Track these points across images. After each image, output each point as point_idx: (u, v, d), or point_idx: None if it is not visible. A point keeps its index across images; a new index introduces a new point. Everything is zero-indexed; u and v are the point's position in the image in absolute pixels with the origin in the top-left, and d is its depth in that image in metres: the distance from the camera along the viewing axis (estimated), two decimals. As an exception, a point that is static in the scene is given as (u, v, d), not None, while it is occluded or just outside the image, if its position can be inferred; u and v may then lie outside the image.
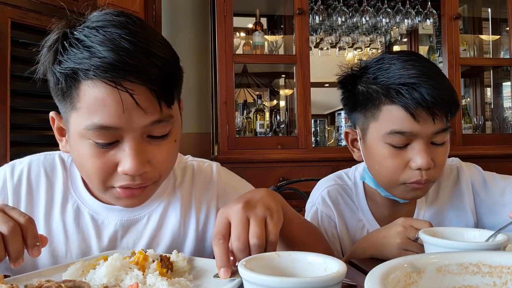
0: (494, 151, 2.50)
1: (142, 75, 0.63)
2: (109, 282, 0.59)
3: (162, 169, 0.71)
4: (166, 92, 0.66)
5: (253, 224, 0.60)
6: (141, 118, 0.65)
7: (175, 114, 0.70)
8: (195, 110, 2.94)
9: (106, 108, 0.63)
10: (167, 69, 0.66)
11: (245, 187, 0.89)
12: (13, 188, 0.78)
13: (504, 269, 0.40)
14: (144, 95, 0.64)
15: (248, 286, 0.47)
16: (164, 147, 0.70)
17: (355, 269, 0.78)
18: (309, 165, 2.35)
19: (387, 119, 0.86)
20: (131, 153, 0.65)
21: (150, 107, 0.65)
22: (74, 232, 0.78)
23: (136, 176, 0.67)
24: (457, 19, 2.64)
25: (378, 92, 0.86)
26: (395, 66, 0.86)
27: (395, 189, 0.91)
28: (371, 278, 0.36)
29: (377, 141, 0.88)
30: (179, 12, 2.94)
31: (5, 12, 1.72)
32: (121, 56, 0.61)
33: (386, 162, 0.88)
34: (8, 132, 1.71)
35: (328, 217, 1.00)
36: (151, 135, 0.68)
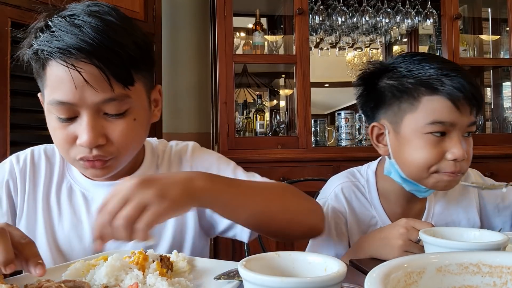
0: (494, 151, 2.50)
1: (93, 55, 0.69)
2: (109, 282, 0.59)
3: (121, 145, 0.76)
4: (119, 72, 0.71)
5: (128, 205, 0.57)
6: (92, 96, 0.71)
7: (134, 95, 0.75)
8: (195, 110, 2.94)
9: (62, 85, 0.71)
10: (123, 51, 0.71)
11: (217, 161, 0.92)
12: (20, 171, 0.88)
13: (504, 269, 0.40)
14: (94, 74, 0.70)
15: (248, 286, 0.46)
16: (121, 125, 0.75)
17: (355, 269, 0.78)
18: (309, 165, 2.35)
19: (427, 110, 0.88)
20: (85, 127, 0.72)
21: (100, 86, 0.71)
22: (67, 208, 0.86)
23: (93, 149, 0.74)
24: (457, 19, 2.64)
25: (415, 84, 0.89)
26: (429, 61, 0.90)
27: (428, 179, 0.91)
28: (371, 278, 0.36)
29: (414, 132, 0.90)
30: (179, 12, 2.94)
31: (5, 12, 1.72)
32: (76, 38, 0.69)
33: (423, 152, 0.89)
34: (8, 132, 1.71)
35: (339, 213, 1.01)
36: (107, 113, 0.74)
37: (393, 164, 0.96)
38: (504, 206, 1.06)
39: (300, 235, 0.84)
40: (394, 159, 0.95)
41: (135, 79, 0.75)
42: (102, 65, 0.70)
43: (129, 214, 0.57)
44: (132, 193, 0.58)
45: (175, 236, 0.88)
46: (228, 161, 0.94)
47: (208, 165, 0.91)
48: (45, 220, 0.86)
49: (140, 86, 0.78)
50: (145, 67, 0.78)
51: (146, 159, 0.91)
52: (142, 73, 0.78)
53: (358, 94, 1.03)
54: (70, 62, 0.69)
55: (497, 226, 1.07)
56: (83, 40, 0.69)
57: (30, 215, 0.87)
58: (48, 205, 0.87)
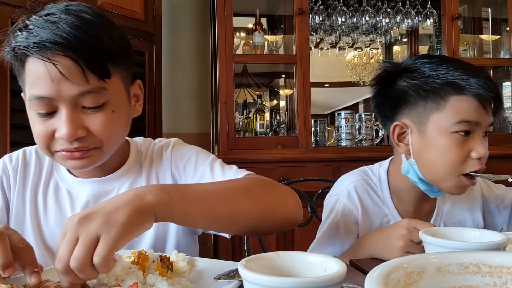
0: (494, 151, 2.48)
1: (68, 48, 0.71)
2: (109, 282, 0.59)
3: (102, 136, 0.78)
4: (94, 65, 0.73)
5: (78, 245, 0.54)
6: (69, 89, 0.73)
7: (111, 88, 0.77)
8: (195, 110, 2.94)
9: (40, 80, 0.73)
10: (97, 45, 0.74)
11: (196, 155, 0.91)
12: (12, 169, 0.90)
13: (504, 269, 0.40)
14: (70, 67, 0.71)
15: (248, 286, 0.47)
16: (100, 117, 0.76)
17: (355, 269, 0.78)
18: (309, 165, 2.35)
19: (454, 109, 0.89)
20: (64, 120, 0.74)
21: (76, 78, 0.72)
22: (52, 205, 0.89)
23: (74, 141, 0.75)
24: (457, 19, 2.64)
25: (442, 84, 0.90)
26: (451, 62, 0.93)
27: (450, 181, 0.92)
28: (371, 278, 0.36)
29: (441, 132, 0.91)
30: (179, 12, 2.94)
31: (5, 12, 1.72)
32: (52, 32, 0.71)
33: (450, 152, 0.90)
34: (8, 132, 1.71)
35: (350, 212, 1.02)
36: (85, 106, 0.75)
37: (412, 164, 0.96)
38: (504, 206, 1.09)
39: (275, 229, 0.81)
40: (414, 159, 0.96)
41: (111, 72, 0.76)
42: (77, 57, 0.71)
43: (80, 255, 0.53)
44: (77, 232, 0.55)
45: (157, 233, 0.88)
46: (207, 155, 0.92)
47: (187, 159, 0.91)
48: (31, 217, 0.88)
49: (117, 79, 0.79)
50: (122, 61, 0.80)
51: (130, 157, 0.92)
52: (119, 67, 0.79)
53: (375, 93, 1.03)
54: (46, 56, 0.71)
55: (499, 226, 1.08)
56: (58, 34, 0.71)
57: (19, 211, 0.89)
58: (35, 202, 0.89)
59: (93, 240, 0.54)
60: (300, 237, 2.33)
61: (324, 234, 1.04)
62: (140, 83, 0.89)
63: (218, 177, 0.85)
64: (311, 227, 1.42)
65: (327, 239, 1.03)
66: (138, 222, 0.58)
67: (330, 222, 1.04)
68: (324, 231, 1.04)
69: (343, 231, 1.02)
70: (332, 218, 1.04)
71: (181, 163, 0.91)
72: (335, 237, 1.02)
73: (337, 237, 1.02)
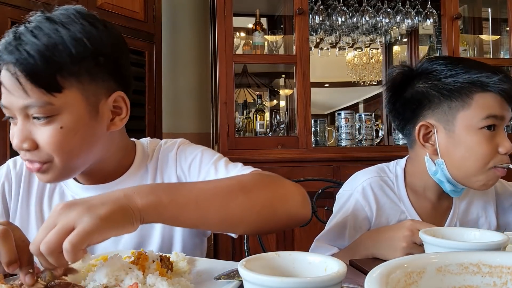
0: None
1: (8, 62, 0.70)
2: (109, 282, 0.59)
3: (49, 151, 0.74)
4: (36, 79, 0.70)
5: (52, 230, 0.54)
6: (17, 99, 0.71)
7: (61, 102, 0.72)
8: (195, 110, 2.94)
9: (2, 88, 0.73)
10: (44, 56, 0.69)
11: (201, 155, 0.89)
12: (15, 175, 0.90)
13: (504, 269, 0.40)
14: (10, 80, 0.70)
15: (248, 286, 0.46)
16: (46, 131, 0.73)
17: (355, 269, 0.78)
18: (309, 165, 2.35)
19: (481, 106, 0.92)
20: (16, 130, 0.74)
21: (17, 91, 0.71)
22: None
23: (26, 152, 0.74)
24: (457, 19, 2.64)
25: (465, 83, 0.93)
26: (469, 62, 0.96)
27: (481, 175, 0.94)
28: (371, 278, 0.36)
29: (469, 129, 0.93)
30: (179, 12, 2.94)
31: (5, 12, 1.72)
32: (4, 45, 0.71)
33: (480, 148, 0.92)
34: (8, 132, 1.71)
35: (361, 208, 1.03)
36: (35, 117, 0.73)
37: (440, 164, 0.97)
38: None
39: (279, 226, 0.78)
40: (442, 158, 0.96)
41: (63, 86, 0.72)
42: (17, 71, 0.69)
43: (50, 239, 0.53)
44: (57, 218, 0.55)
45: (163, 236, 0.88)
46: (213, 153, 0.90)
47: (192, 159, 0.89)
48: (38, 226, 0.87)
49: (75, 93, 0.74)
50: (87, 71, 0.74)
51: (136, 160, 0.90)
52: (78, 79, 0.73)
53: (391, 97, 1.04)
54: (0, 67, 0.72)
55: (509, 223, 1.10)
56: (4, 45, 0.71)
57: (24, 219, 0.88)
58: (41, 210, 0.88)
59: (68, 227, 0.54)
60: (300, 237, 2.33)
61: (333, 227, 1.05)
62: (123, 95, 0.80)
63: (222, 176, 0.83)
64: (311, 227, 1.42)
65: (335, 232, 1.04)
66: (120, 220, 0.57)
67: (340, 216, 1.05)
68: (333, 225, 1.05)
69: (352, 226, 1.03)
70: (343, 212, 1.05)
71: (186, 163, 0.89)
72: (343, 231, 1.03)
73: (345, 232, 1.03)
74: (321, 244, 1.05)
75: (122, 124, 0.82)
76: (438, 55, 1.00)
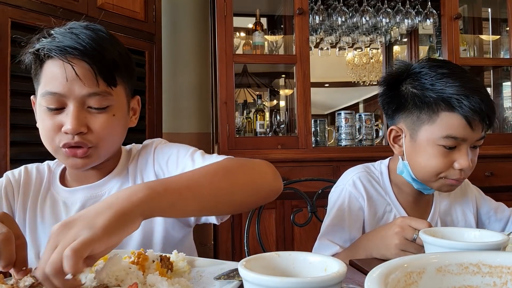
0: (494, 151, 2.50)
1: (85, 55, 0.82)
2: (109, 282, 0.59)
3: (100, 135, 0.86)
4: (105, 72, 0.84)
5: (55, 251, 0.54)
6: (80, 88, 0.82)
7: (115, 95, 0.87)
8: (195, 110, 2.94)
9: (55, 78, 0.82)
10: (109, 56, 0.85)
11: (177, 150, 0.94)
12: (15, 182, 0.96)
13: (504, 269, 0.40)
14: (85, 69, 0.82)
15: (248, 286, 0.47)
16: (102, 118, 0.85)
17: (355, 269, 0.78)
18: (309, 165, 2.35)
19: (444, 124, 0.95)
20: (71, 116, 0.82)
21: (88, 80, 0.83)
22: (49, 217, 0.93)
23: (75, 136, 0.83)
24: (457, 19, 2.64)
25: (437, 99, 0.96)
26: (452, 77, 0.96)
27: (434, 182, 1.01)
28: (371, 278, 0.36)
29: (428, 142, 0.98)
30: (179, 12, 2.94)
31: (5, 12, 1.72)
32: (73, 41, 0.82)
33: (434, 160, 0.97)
34: (8, 132, 1.71)
35: (355, 199, 1.08)
36: (90, 106, 0.84)
37: (406, 165, 1.04)
38: (496, 219, 1.16)
39: (260, 200, 0.84)
40: (407, 160, 1.04)
41: (117, 82, 0.87)
42: (91, 63, 0.82)
43: (54, 259, 0.53)
44: (57, 239, 0.54)
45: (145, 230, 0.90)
46: (188, 147, 0.95)
47: (169, 155, 0.94)
48: (30, 230, 0.92)
49: (121, 90, 0.90)
50: (126, 75, 0.91)
51: (120, 162, 0.97)
52: (123, 79, 0.90)
53: (381, 93, 1.10)
54: (65, 58, 0.81)
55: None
56: (78, 42, 0.82)
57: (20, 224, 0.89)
58: (34, 216, 0.94)
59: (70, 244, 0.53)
60: (300, 237, 2.33)
61: (332, 222, 1.07)
62: (139, 99, 0.99)
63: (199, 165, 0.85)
64: (311, 227, 1.42)
65: (335, 227, 1.07)
66: (120, 225, 0.57)
67: (337, 209, 1.08)
68: (331, 220, 1.08)
69: (349, 217, 1.06)
70: (338, 205, 1.08)
71: (164, 160, 0.94)
72: (342, 223, 1.06)
73: (344, 223, 1.06)
74: (323, 241, 1.06)
75: (136, 122, 0.98)
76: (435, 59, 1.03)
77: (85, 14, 1.91)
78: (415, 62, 1.04)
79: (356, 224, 1.06)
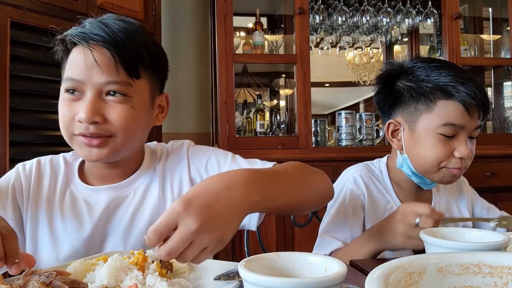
0: (495, 151, 2.50)
1: (108, 42, 0.80)
2: (109, 283, 0.59)
3: (117, 126, 0.82)
4: (126, 62, 0.81)
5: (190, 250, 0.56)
6: (98, 76, 0.80)
7: (136, 87, 0.84)
8: (195, 110, 2.94)
9: (76, 65, 0.81)
10: (134, 46, 0.83)
11: (215, 155, 0.95)
12: (25, 177, 0.92)
13: (505, 269, 0.40)
14: (105, 56, 0.80)
15: (248, 286, 0.46)
16: (119, 108, 0.82)
17: (355, 269, 0.78)
18: (310, 165, 2.35)
19: (442, 113, 0.97)
20: (86, 104, 0.80)
21: (108, 68, 0.80)
22: (69, 212, 0.89)
23: (91, 126, 0.80)
24: (458, 19, 2.64)
25: (432, 89, 0.98)
26: (446, 68, 0.99)
27: (436, 174, 1.01)
28: (371, 279, 0.36)
29: (428, 131, 0.99)
30: (179, 12, 2.94)
31: (5, 12, 1.72)
32: (100, 29, 0.81)
33: (434, 149, 0.98)
34: (8, 132, 1.71)
35: (357, 196, 1.08)
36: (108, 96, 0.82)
37: (405, 159, 1.05)
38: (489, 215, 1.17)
39: (318, 205, 0.90)
40: (406, 154, 1.04)
41: (140, 74, 0.84)
42: (113, 50, 0.80)
43: (189, 256, 0.57)
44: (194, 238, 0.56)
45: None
46: (224, 153, 0.96)
47: (206, 160, 0.94)
48: (48, 227, 0.88)
49: (145, 83, 0.86)
50: (153, 68, 0.88)
51: (144, 162, 0.94)
52: (148, 72, 0.86)
53: (377, 91, 1.11)
54: (87, 44, 0.80)
55: None
56: (104, 30, 0.81)
57: (33, 221, 0.89)
58: (51, 212, 0.89)
59: (201, 249, 0.57)
60: (300, 237, 2.33)
61: (334, 219, 1.07)
62: (167, 96, 0.95)
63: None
64: (311, 227, 1.42)
65: (336, 222, 1.06)
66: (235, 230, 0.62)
67: (338, 206, 1.08)
68: (333, 216, 1.07)
69: (352, 214, 1.06)
70: (340, 202, 1.08)
71: (201, 164, 0.93)
72: (344, 220, 1.06)
73: (347, 221, 1.06)
74: (324, 237, 1.06)
75: (163, 121, 0.94)
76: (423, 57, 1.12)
77: (85, 14, 1.91)
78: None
79: (357, 222, 1.06)
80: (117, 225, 0.89)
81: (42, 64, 1.81)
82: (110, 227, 0.89)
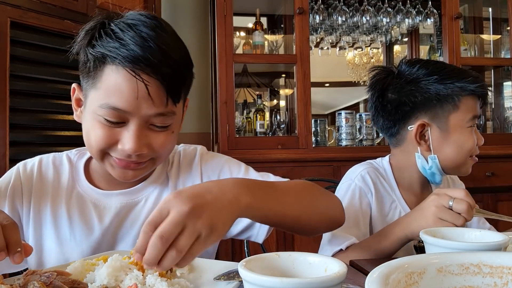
0: (495, 151, 2.50)
1: (158, 72, 0.73)
2: (109, 283, 0.59)
3: (159, 153, 0.80)
4: (174, 90, 0.77)
5: (183, 236, 0.56)
6: (149, 108, 0.75)
7: (177, 111, 0.80)
8: (195, 110, 2.94)
9: (122, 93, 0.73)
10: (179, 71, 0.77)
11: (228, 165, 0.94)
12: (26, 178, 0.88)
13: (505, 269, 0.40)
14: (157, 88, 0.74)
15: (248, 286, 0.46)
16: (162, 136, 0.79)
17: (355, 269, 0.78)
18: (310, 165, 2.35)
19: (467, 108, 1.05)
20: (133, 136, 0.75)
21: (159, 100, 0.75)
22: (77, 215, 0.86)
23: (133, 155, 0.77)
24: (458, 19, 2.64)
25: (455, 88, 1.04)
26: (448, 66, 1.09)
27: (465, 165, 1.08)
28: (371, 279, 0.35)
29: (460, 127, 1.05)
30: (179, 12, 2.94)
31: (5, 11, 1.71)
32: (145, 52, 0.72)
33: (468, 143, 1.05)
34: (8, 132, 1.71)
35: (365, 194, 1.09)
36: (153, 124, 0.78)
37: (434, 158, 1.06)
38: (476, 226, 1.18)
39: (326, 229, 0.89)
40: (435, 153, 1.06)
41: (181, 97, 0.80)
42: (164, 81, 0.74)
43: (184, 244, 0.56)
44: (186, 221, 0.56)
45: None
46: (238, 163, 0.94)
47: (219, 169, 0.93)
48: (52, 228, 0.85)
49: (181, 103, 0.82)
50: (189, 85, 0.84)
51: (157, 167, 0.91)
52: (185, 90, 0.83)
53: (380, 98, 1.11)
54: (136, 72, 0.72)
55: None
56: (151, 54, 0.72)
57: (36, 222, 0.86)
58: (56, 212, 0.86)
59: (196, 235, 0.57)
60: (300, 237, 2.32)
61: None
62: (188, 100, 0.89)
63: None
64: (311, 227, 1.41)
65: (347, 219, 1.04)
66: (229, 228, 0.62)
67: (348, 203, 1.07)
68: None
69: (360, 211, 1.07)
70: (349, 199, 1.08)
71: (214, 173, 0.92)
72: (355, 216, 1.06)
73: (357, 217, 1.06)
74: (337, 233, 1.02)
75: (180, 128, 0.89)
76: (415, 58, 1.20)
77: (85, 14, 1.91)
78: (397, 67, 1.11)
79: (366, 219, 1.07)
80: (128, 231, 0.86)
81: (42, 64, 1.81)
82: (120, 234, 0.86)
